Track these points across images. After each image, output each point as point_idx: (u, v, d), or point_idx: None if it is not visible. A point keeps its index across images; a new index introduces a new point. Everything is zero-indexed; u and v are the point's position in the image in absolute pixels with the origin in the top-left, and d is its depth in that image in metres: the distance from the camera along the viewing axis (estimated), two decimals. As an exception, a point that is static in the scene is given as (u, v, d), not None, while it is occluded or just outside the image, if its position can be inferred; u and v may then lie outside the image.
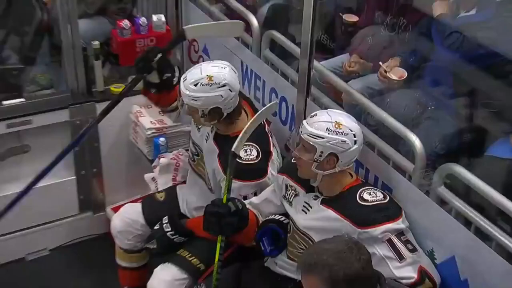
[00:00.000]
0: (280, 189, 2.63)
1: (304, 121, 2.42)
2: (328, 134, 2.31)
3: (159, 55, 3.03)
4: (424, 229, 2.39)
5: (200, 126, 2.96)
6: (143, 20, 3.58)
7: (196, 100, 2.69)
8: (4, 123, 3.39)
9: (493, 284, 2.15)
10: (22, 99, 3.52)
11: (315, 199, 2.48)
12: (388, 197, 2.38)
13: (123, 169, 3.86)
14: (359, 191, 2.39)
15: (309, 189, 2.51)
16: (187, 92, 2.69)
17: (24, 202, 3.42)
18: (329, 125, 2.32)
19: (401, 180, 2.49)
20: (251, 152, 2.75)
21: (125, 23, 3.52)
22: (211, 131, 2.90)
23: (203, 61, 3.65)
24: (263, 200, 2.73)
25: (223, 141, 2.81)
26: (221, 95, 2.69)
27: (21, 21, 3.72)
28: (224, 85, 2.69)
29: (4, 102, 3.45)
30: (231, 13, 3.63)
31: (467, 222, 2.31)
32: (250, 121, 2.64)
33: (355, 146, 2.35)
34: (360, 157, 2.51)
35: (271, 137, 2.93)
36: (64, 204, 3.79)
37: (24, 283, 3.61)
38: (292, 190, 2.57)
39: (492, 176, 2.42)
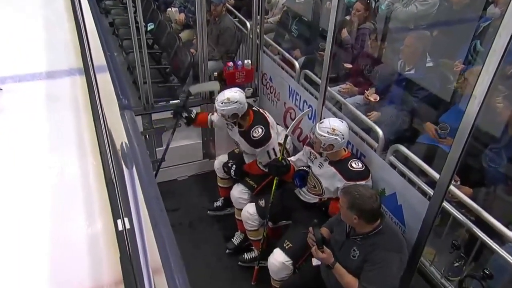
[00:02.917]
0: (307, 153, 2.60)
1: (316, 124, 2.38)
2: (327, 135, 2.29)
3: (180, 109, 3.03)
4: (381, 177, 2.37)
5: (232, 128, 2.90)
6: (240, 62, 3.56)
7: (223, 111, 2.67)
8: (169, 112, 3.35)
9: (413, 206, 2.15)
10: (179, 100, 3.54)
11: (325, 161, 2.45)
12: (364, 166, 2.33)
13: (224, 137, 3.67)
14: (349, 161, 2.34)
15: (322, 155, 2.47)
16: (218, 107, 2.68)
17: (178, 152, 3.58)
18: (328, 130, 2.30)
19: (371, 152, 2.47)
20: (258, 131, 2.73)
21: (231, 63, 3.51)
22: (238, 130, 2.83)
23: (270, 85, 3.60)
24: (297, 159, 2.71)
25: (244, 134, 2.80)
26: (235, 107, 2.66)
27: (180, 62, 3.74)
28: (236, 102, 2.65)
29: (170, 102, 3.49)
30: (285, 60, 3.55)
31: (403, 175, 2.30)
32: (297, 117, 2.65)
33: (343, 140, 2.32)
34: (350, 139, 2.50)
35: (265, 113, 2.87)
36: (195, 153, 3.80)
37: (176, 190, 3.68)
38: (313, 155, 2.54)
39: (418, 152, 2.39)
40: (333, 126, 2.31)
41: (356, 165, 2.33)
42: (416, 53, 2.82)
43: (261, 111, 2.90)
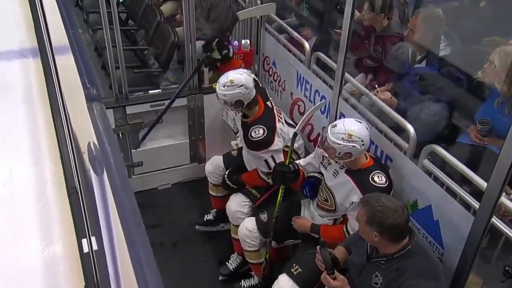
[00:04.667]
0: (319, 157, 2.60)
1: (328, 128, 2.35)
2: (343, 142, 2.27)
3: (217, 40, 3.05)
4: (413, 186, 2.35)
5: (236, 114, 2.94)
6: (236, 43, 3.55)
7: (225, 96, 2.70)
8: (148, 104, 3.44)
9: (454, 223, 2.14)
10: (159, 90, 3.55)
11: (341, 168, 2.43)
12: (387, 182, 2.32)
13: (218, 136, 3.82)
14: (372, 173, 2.32)
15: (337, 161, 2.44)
16: (219, 92, 2.71)
17: (159, 154, 3.62)
18: (343, 136, 2.27)
19: (400, 154, 2.45)
20: (258, 132, 2.75)
21: None
22: (241, 119, 2.88)
23: (273, 71, 3.62)
24: (307, 163, 2.72)
25: (245, 127, 2.84)
26: (240, 92, 2.68)
27: (162, 42, 3.74)
28: (241, 85, 2.68)
29: (149, 92, 3.50)
30: (292, 40, 3.52)
31: (441, 183, 2.26)
32: (308, 112, 2.66)
33: (363, 147, 2.30)
34: (373, 139, 2.48)
35: (280, 113, 2.90)
36: (181, 156, 3.81)
37: (157, 202, 3.70)
38: (327, 160, 2.52)
39: (459, 154, 2.36)
40: (349, 131, 2.28)
41: (379, 179, 2.32)
42: (426, 38, 2.82)
43: (275, 111, 2.91)
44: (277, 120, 2.84)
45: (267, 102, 2.91)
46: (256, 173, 2.92)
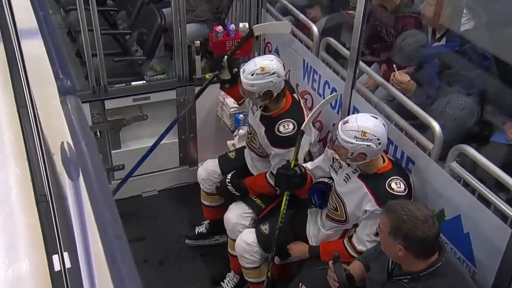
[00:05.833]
0: (329, 159, 2.60)
1: (338, 126, 2.35)
2: (356, 141, 2.26)
3: (226, 57, 3.00)
4: (439, 193, 2.35)
5: (254, 111, 2.93)
6: (232, 26, 3.58)
7: (253, 86, 2.68)
8: (131, 98, 3.45)
9: (488, 236, 2.13)
10: (144, 81, 3.58)
11: (354, 173, 2.43)
12: (407, 190, 2.33)
13: (211, 135, 3.85)
14: (389, 179, 2.33)
15: (351, 165, 2.43)
16: (246, 81, 2.69)
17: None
18: (356, 134, 2.26)
19: (422, 155, 2.44)
20: (288, 126, 2.75)
21: (219, 28, 3.54)
22: (260, 113, 2.86)
23: (275, 59, 3.67)
24: (315, 167, 2.73)
25: (267, 120, 2.83)
26: (272, 81, 2.68)
27: (146, 25, 3.76)
28: (273, 73, 2.68)
29: (132, 83, 3.52)
30: (298, 23, 3.53)
31: (472, 189, 2.25)
32: (316, 107, 2.66)
33: (379, 147, 2.29)
34: (392, 137, 2.49)
35: (305, 108, 2.91)
36: (169, 159, 3.84)
37: (140, 212, 3.73)
38: (337, 162, 2.52)
39: (493, 156, 2.34)
40: (363, 128, 2.28)
41: (397, 186, 2.32)
42: (446, 13, 2.82)
43: (302, 105, 2.92)
44: (305, 115, 2.85)
45: (294, 95, 2.93)
46: (264, 178, 2.93)
